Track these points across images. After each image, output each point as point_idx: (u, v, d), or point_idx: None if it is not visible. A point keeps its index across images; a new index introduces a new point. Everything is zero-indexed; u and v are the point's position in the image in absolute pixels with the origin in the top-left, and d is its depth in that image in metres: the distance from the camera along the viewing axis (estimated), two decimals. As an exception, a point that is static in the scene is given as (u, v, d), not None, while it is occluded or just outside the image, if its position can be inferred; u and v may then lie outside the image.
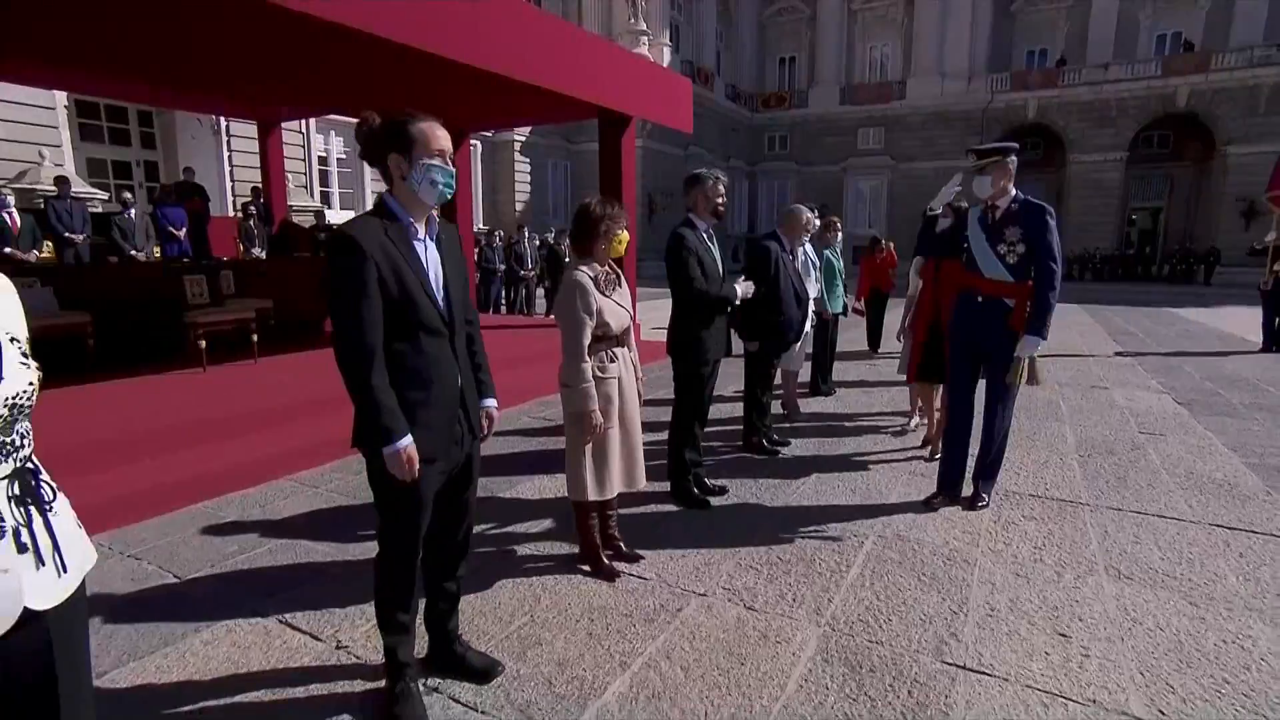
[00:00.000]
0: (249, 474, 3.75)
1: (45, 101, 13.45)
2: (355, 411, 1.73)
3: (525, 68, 5.91)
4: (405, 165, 1.70)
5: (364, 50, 4.98)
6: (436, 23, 4.87)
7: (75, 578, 1.19)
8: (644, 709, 1.94)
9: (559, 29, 6.91)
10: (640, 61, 8.35)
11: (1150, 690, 2.03)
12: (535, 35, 6.11)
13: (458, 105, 8.13)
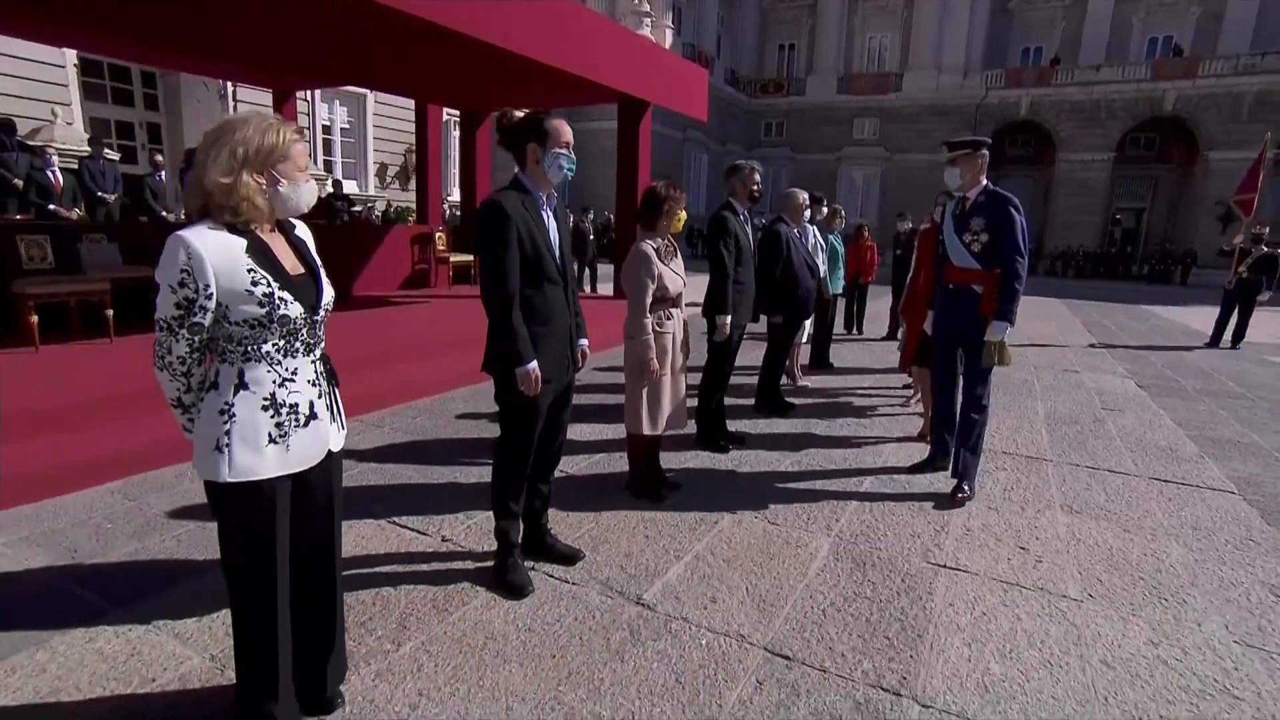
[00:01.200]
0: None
1: (55, 59, 13.53)
2: (490, 341, 2.25)
3: (551, 53, 6.31)
4: (540, 152, 2.20)
5: (392, 28, 5.28)
6: (472, 8, 5.23)
7: (344, 435, 1.72)
8: (698, 585, 2.50)
9: (585, 17, 7.30)
10: (659, 51, 8.77)
11: (1084, 582, 2.62)
12: (562, 21, 6.50)
13: (481, 86, 8.52)
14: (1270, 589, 2.64)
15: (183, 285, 1.42)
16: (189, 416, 1.56)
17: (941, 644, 2.20)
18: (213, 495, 1.55)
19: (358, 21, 5.40)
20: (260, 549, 1.56)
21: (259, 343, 1.51)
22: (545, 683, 1.94)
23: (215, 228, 1.46)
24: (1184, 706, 1.95)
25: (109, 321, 4.75)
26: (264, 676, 1.62)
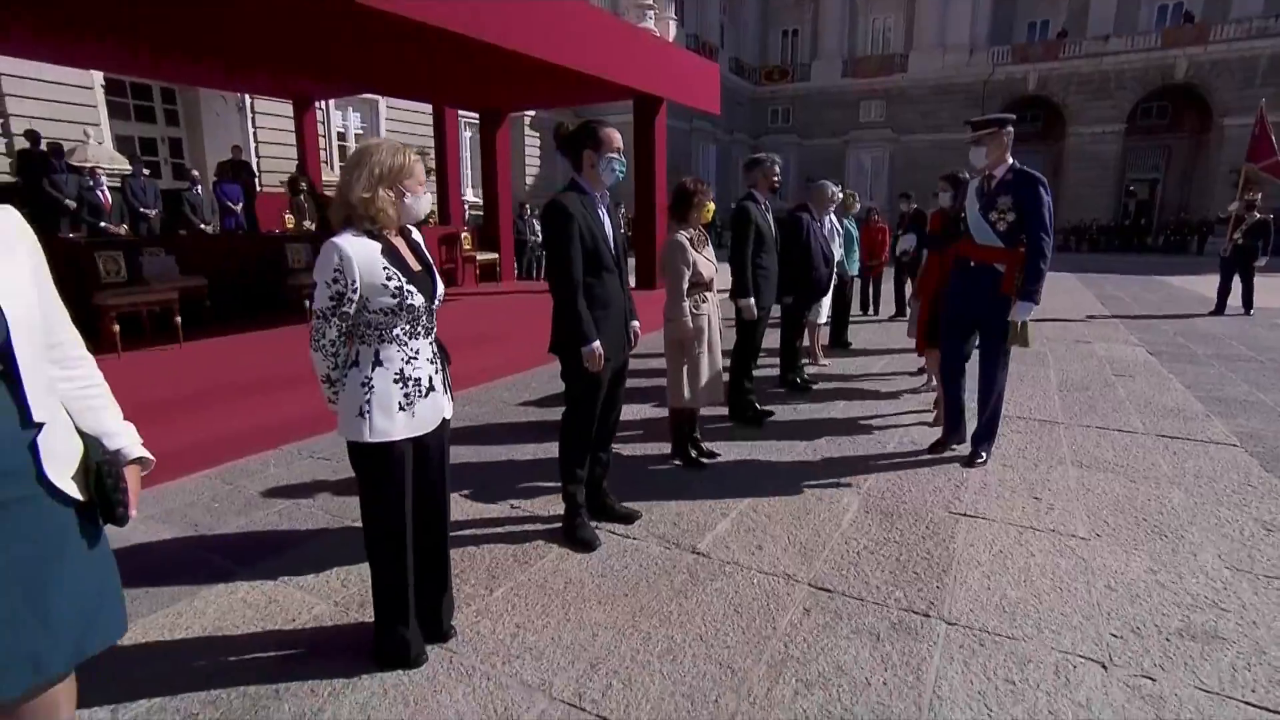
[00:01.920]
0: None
1: (84, 82, 14.00)
2: (556, 325, 2.57)
3: (567, 55, 6.59)
4: (595, 157, 2.51)
5: (410, 37, 5.52)
6: (489, 14, 5.48)
7: (452, 405, 2.05)
8: (744, 536, 2.81)
9: (599, 18, 7.59)
10: (670, 48, 9.02)
11: (1091, 524, 2.91)
12: (577, 24, 6.79)
13: (499, 88, 8.82)
14: (1262, 524, 2.91)
15: (335, 281, 1.75)
16: (334, 390, 1.90)
17: (963, 576, 2.50)
18: (355, 454, 1.89)
19: (376, 31, 5.65)
20: (393, 499, 1.90)
21: (390, 328, 1.84)
22: (622, 615, 2.27)
23: (358, 234, 1.79)
24: (1176, 618, 2.24)
25: (178, 327, 5.14)
26: (398, 605, 1.96)
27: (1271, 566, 2.57)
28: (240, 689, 1.92)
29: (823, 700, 1.86)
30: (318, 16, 5.34)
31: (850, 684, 1.93)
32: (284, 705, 1.86)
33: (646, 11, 27.99)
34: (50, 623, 1.26)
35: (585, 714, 1.81)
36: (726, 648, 2.09)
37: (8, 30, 5.88)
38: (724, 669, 1.99)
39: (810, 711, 1.82)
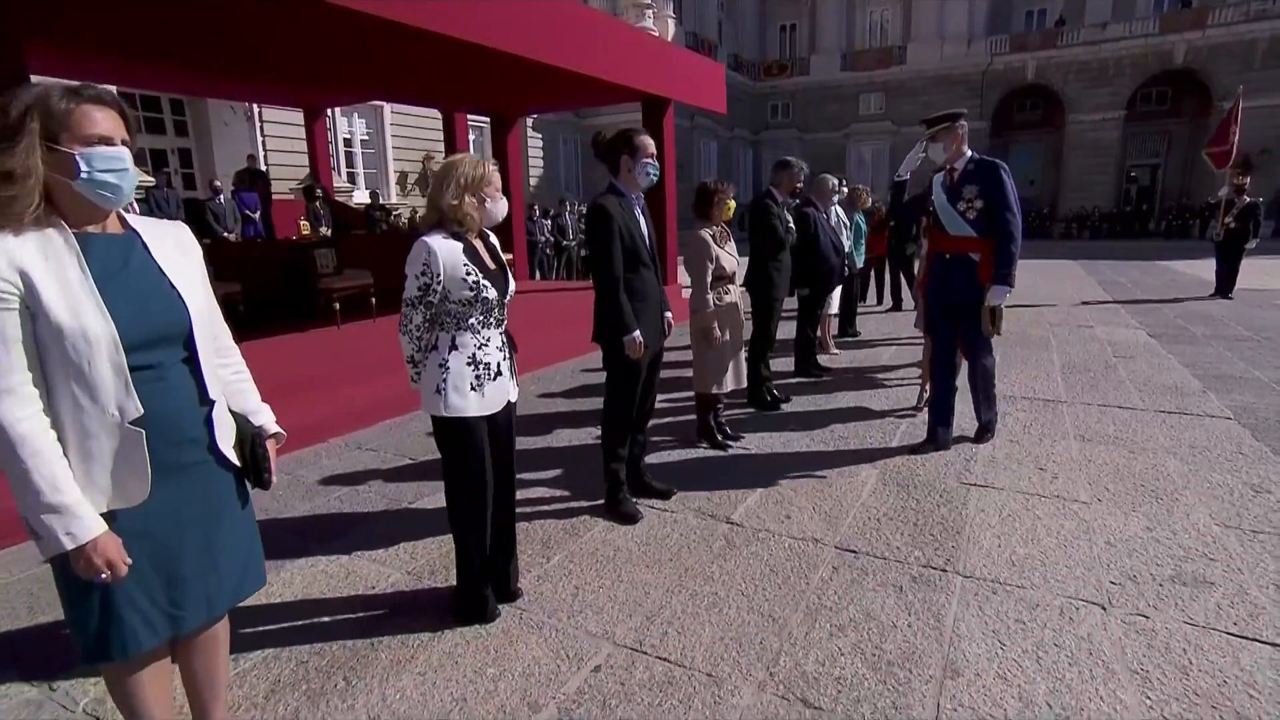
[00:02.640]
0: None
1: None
2: (599, 316, 2.81)
3: (577, 59, 6.81)
4: (631, 162, 2.76)
5: (424, 45, 5.65)
6: (501, 22, 5.67)
7: (518, 390, 2.30)
8: (773, 507, 3.06)
9: (608, 24, 7.82)
10: (677, 50, 9.26)
11: (1092, 490, 3.15)
12: (585, 30, 7.02)
13: (507, 93, 9.06)
14: (1251, 487, 3.15)
15: (424, 274, 2.00)
16: (416, 371, 2.15)
17: (976, 537, 2.74)
18: (437, 428, 2.15)
19: (389, 40, 5.79)
20: (473, 470, 2.15)
21: (466, 317, 2.09)
22: (669, 576, 2.52)
23: (445, 236, 2.04)
24: (1169, 567, 2.48)
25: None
26: (478, 564, 2.22)
27: (1257, 522, 2.80)
28: (339, 642, 2.18)
29: (855, 640, 2.11)
30: (333, 29, 5.55)
31: (879, 627, 2.17)
32: (380, 654, 2.11)
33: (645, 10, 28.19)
34: (218, 569, 1.52)
35: (647, 656, 2.07)
36: (766, 600, 2.34)
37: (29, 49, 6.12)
38: (765, 618, 2.24)
39: (845, 649, 2.07)
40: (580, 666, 2.03)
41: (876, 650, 2.06)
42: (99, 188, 1.30)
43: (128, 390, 1.32)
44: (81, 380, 1.28)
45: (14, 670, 2.08)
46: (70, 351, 1.26)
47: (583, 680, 1.97)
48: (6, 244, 1.23)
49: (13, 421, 1.22)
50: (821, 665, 2.00)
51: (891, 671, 1.96)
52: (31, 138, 1.24)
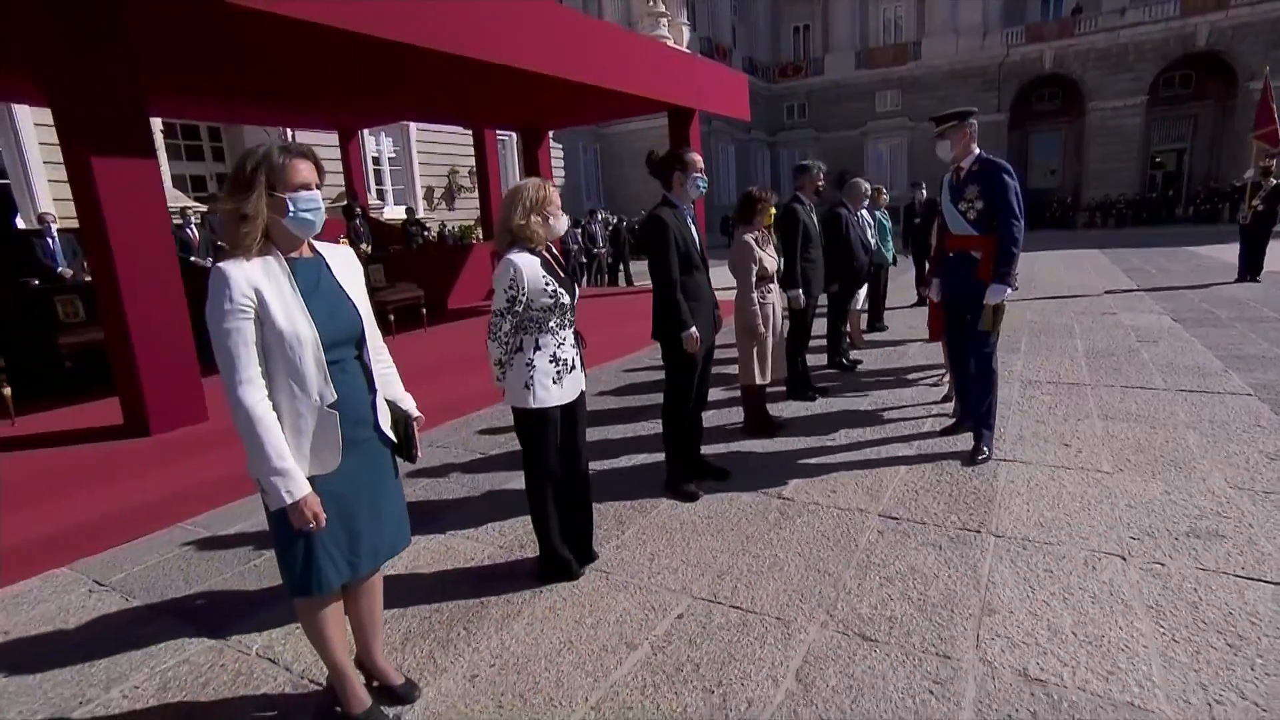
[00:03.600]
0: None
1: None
2: (657, 315, 3.15)
3: (610, 76, 7.19)
4: (683, 177, 3.10)
5: (456, 70, 6.03)
6: (535, 45, 6.01)
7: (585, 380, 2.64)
8: (819, 484, 3.38)
9: (636, 42, 8.21)
10: (701, 62, 9.61)
11: (1115, 461, 3.41)
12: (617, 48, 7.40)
13: (539, 109, 9.48)
14: (1266, 455, 3.38)
15: (511, 288, 2.35)
16: (503, 371, 2.50)
17: (1007, 504, 3.03)
18: (520, 419, 2.49)
19: (425, 66, 6.00)
20: (550, 451, 2.50)
21: (547, 321, 2.44)
22: (733, 543, 2.85)
23: (521, 251, 2.39)
24: (1185, 524, 2.74)
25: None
26: (554, 529, 2.57)
27: (1270, 484, 3.05)
28: (452, 602, 2.54)
29: (902, 589, 2.42)
30: (374, 56, 5.86)
31: (922, 578, 2.48)
32: (490, 611, 2.47)
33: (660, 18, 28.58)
34: (381, 526, 1.89)
35: (722, 605, 2.40)
36: (820, 559, 2.66)
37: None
38: (821, 573, 2.56)
39: (893, 596, 2.38)
40: (665, 615, 2.36)
41: (921, 596, 2.36)
42: (302, 223, 1.68)
43: (326, 380, 1.69)
44: (294, 373, 1.65)
45: (191, 627, 2.48)
46: (287, 350, 1.64)
47: (669, 625, 2.30)
48: (244, 269, 1.61)
49: (253, 404, 1.60)
50: (874, 609, 2.31)
51: (936, 611, 2.27)
52: (260, 188, 1.62)
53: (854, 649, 2.11)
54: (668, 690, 1.98)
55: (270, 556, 3.00)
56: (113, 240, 3.59)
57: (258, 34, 4.63)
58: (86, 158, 3.49)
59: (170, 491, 3.50)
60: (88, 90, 3.54)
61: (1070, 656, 2.01)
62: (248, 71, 6.41)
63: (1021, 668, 1.97)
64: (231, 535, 3.28)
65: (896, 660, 2.04)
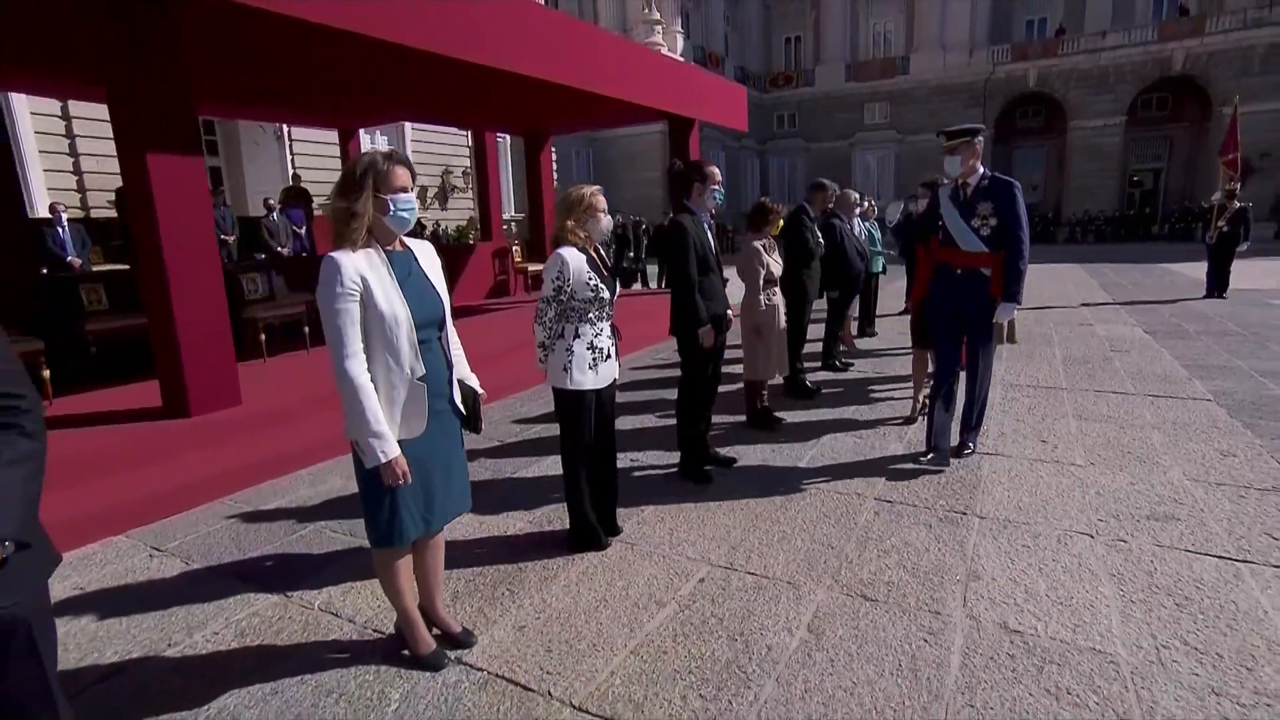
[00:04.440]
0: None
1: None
2: (675, 313, 3.44)
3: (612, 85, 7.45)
4: (701, 188, 3.40)
5: (458, 74, 6.21)
6: (538, 53, 6.23)
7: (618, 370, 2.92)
8: (820, 470, 3.68)
9: (637, 52, 8.51)
10: (702, 74, 9.93)
11: (1087, 456, 3.76)
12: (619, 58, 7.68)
13: (544, 115, 9.75)
14: (1220, 452, 3.75)
15: (558, 279, 2.63)
16: (544, 354, 2.76)
17: (990, 491, 3.35)
18: (559, 398, 2.76)
19: (428, 69, 6.15)
20: (585, 430, 2.77)
21: (587, 312, 2.71)
22: (744, 520, 3.14)
23: (569, 248, 2.67)
24: (1146, 509, 3.08)
25: (306, 336, 6.09)
26: (586, 501, 2.84)
27: (1222, 477, 3.40)
28: (493, 566, 2.80)
29: (898, 559, 2.72)
30: (378, 59, 5.99)
31: (915, 550, 2.79)
32: (528, 575, 2.74)
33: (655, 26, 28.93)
34: (450, 489, 2.15)
35: (738, 571, 2.68)
36: (824, 535, 2.96)
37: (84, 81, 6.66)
38: (824, 546, 2.86)
39: (890, 565, 2.68)
40: (688, 579, 2.65)
41: (915, 565, 2.67)
42: (400, 221, 1.95)
43: (416, 356, 1.96)
44: (391, 349, 1.92)
45: (253, 585, 2.72)
46: (386, 330, 1.90)
47: (692, 587, 2.59)
48: (352, 259, 1.87)
49: (357, 374, 1.86)
50: (874, 575, 2.61)
51: (928, 577, 2.57)
52: (368, 190, 1.89)
53: (857, 607, 2.41)
54: (696, 639, 2.27)
55: (315, 528, 3.26)
56: (162, 233, 3.81)
57: (265, 34, 4.79)
58: (142, 154, 3.71)
59: (213, 469, 3.72)
60: (145, 92, 3.77)
61: (1044, 613, 2.32)
62: (253, 71, 6.54)
63: (1002, 621, 2.28)
64: (273, 509, 3.51)
65: (895, 616, 2.35)
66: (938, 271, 3.72)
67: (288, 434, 4.22)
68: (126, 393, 4.73)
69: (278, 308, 6.12)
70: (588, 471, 2.84)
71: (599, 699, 2.00)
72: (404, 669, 2.18)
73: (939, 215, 3.69)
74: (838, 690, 1.99)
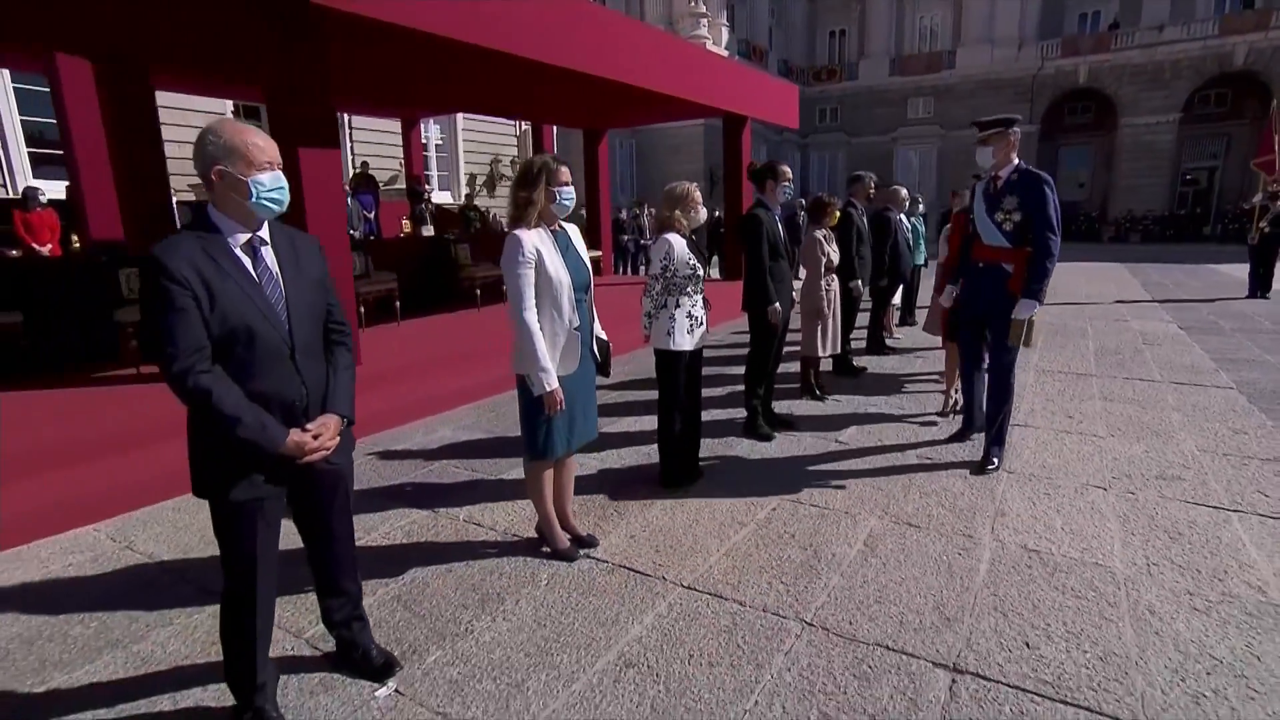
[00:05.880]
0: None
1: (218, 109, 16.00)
2: (748, 291, 4.00)
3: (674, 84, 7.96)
4: (774, 185, 3.95)
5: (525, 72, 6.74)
6: (610, 54, 6.77)
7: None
8: (867, 434, 4.22)
9: (697, 54, 9.01)
10: (755, 74, 10.40)
11: (1109, 430, 4.22)
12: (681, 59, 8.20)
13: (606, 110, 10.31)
14: (1232, 430, 4.18)
15: (665, 258, 3.22)
16: (649, 321, 3.35)
17: (1018, 454, 3.85)
18: (660, 358, 3.36)
19: (493, 67, 6.54)
20: (678, 385, 3.36)
21: (686, 286, 3.29)
22: (804, 470, 3.70)
23: (674, 234, 3.25)
24: (1155, 471, 3.56)
25: (397, 310, 6.81)
26: (675, 442, 3.43)
27: (1229, 449, 3.85)
28: (599, 495, 3.43)
29: (938, 500, 3.26)
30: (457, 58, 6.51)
31: (952, 494, 3.32)
32: (628, 503, 3.35)
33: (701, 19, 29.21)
34: (586, 418, 2.77)
35: (804, 505, 3.26)
36: (873, 481, 3.52)
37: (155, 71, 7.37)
38: (873, 488, 3.41)
39: (931, 504, 3.22)
40: (762, 509, 3.23)
41: (953, 505, 3.21)
42: (563, 208, 2.56)
43: (574, 310, 2.57)
44: (556, 305, 2.53)
45: (403, 502, 3.38)
46: (553, 289, 2.51)
47: (766, 514, 3.17)
48: (529, 235, 2.49)
49: (531, 323, 2.47)
50: (917, 510, 3.16)
51: (963, 513, 3.11)
52: (541, 183, 2.50)
53: (904, 531, 2.97)
54: (774, 547, 2.85)
55: (440, 465, 3.93)
56: (308, 218, 4.50)
57: (370, 39, 5.40)
58: (295, 148, 4.40)
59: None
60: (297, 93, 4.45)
61: (1058, 539, 2.85)
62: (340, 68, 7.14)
63: (1023, 544, 2.82)
64: (400, 451, 4.20)
65: (935, 537, 2.90)
66: (964, 265, 3.75)
67: (401, 391, 4.90)
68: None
69: (371, 284, 6.84)
70: (679, 420, 3.43)
71: (704, 581, 2.60)
72: (545, 560, 2.81)
73: (970, 209, 3.74)
74: (889, 583, 2.56)
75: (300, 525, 2.01)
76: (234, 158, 1.69)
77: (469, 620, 2.39)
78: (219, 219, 1.74)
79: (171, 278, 1.61)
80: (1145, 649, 2.13)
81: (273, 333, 1.74)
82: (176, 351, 1.61)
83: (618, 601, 2.48)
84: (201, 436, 1.74)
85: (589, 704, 1.96)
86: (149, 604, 2.53)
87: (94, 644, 2.29)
